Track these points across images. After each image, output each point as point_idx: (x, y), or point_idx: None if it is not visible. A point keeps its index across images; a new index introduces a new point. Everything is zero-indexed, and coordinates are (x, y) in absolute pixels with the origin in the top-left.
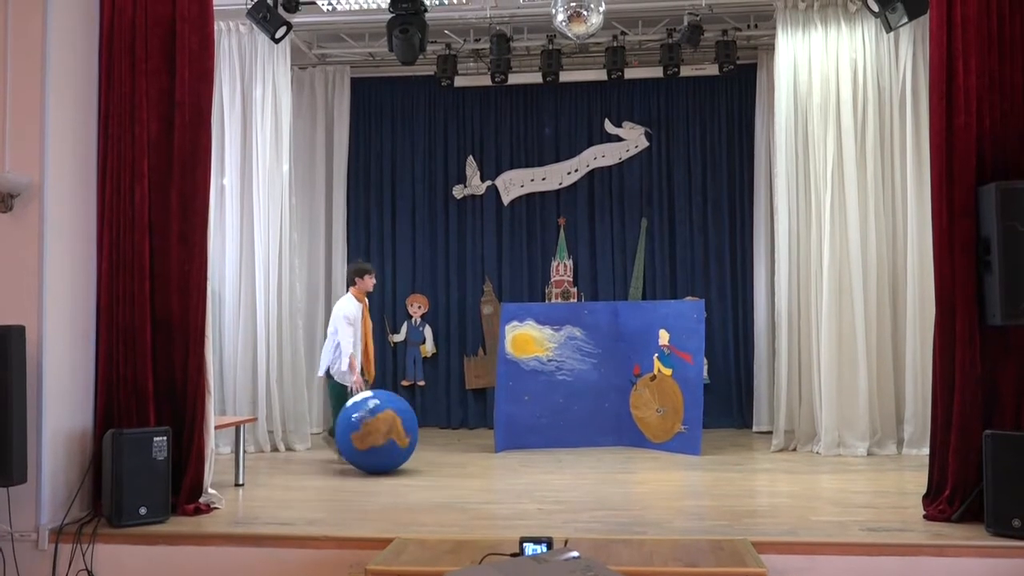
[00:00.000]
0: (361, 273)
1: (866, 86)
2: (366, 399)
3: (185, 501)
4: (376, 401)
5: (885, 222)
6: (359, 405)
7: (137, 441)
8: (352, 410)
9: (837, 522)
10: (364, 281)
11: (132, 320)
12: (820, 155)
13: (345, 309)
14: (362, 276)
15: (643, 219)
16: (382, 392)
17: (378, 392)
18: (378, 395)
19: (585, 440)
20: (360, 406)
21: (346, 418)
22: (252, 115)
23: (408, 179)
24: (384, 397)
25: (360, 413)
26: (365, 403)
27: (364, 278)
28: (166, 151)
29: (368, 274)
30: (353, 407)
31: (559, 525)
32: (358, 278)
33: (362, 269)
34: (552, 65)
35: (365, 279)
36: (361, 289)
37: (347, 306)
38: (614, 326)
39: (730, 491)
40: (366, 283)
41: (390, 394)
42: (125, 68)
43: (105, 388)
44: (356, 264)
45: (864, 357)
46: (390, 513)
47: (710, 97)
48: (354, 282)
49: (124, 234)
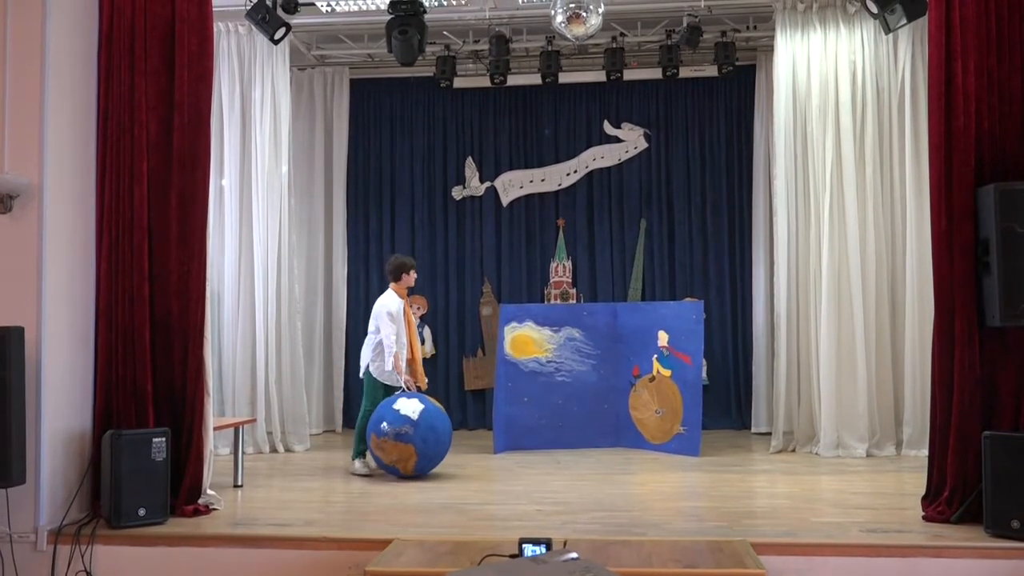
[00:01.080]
0: (407, 268)
1: (865, 87)
2: (407, 415)
3: (184, 502)
4: (409, 428)
5: (884, 223)
6: (397, 416)
7: (136, 442)
8: (389, 414)
9: (836, 523)
10: (407, 277)
11: (131, 321)
12: (819, 156)
13: (388, 304)
14: (408, 271)
15: (642, 220)
16: (432, 410)
17: (429, 408)
18: (425, 416)
19: (584, 441)
20: (396, 419)
21: (379, 417)
22: (251, 116)
23: (407, 180)
24: (425, 424)
25: (391, 427)
26: (404, 419)
27: (409, 273)
28: (165, 152)
29: (412, 269)
30: (392, 413)
31: (558, 526)
32: (404, 274)
33: (406, 264)
34: (551, 66)
35: (411, 274)
36: (404, 286)
37: (390, 301)
38: (613, 327)
39: (729, 492)
40: (409, 279)
41: (436, 416)
42: (124, 69)
43: (104, 389)
44: (398, 258)
45: (863, 358)
46: (389, 514)
47: (709, 98)
48: (399, 278)
49: (123, 235)
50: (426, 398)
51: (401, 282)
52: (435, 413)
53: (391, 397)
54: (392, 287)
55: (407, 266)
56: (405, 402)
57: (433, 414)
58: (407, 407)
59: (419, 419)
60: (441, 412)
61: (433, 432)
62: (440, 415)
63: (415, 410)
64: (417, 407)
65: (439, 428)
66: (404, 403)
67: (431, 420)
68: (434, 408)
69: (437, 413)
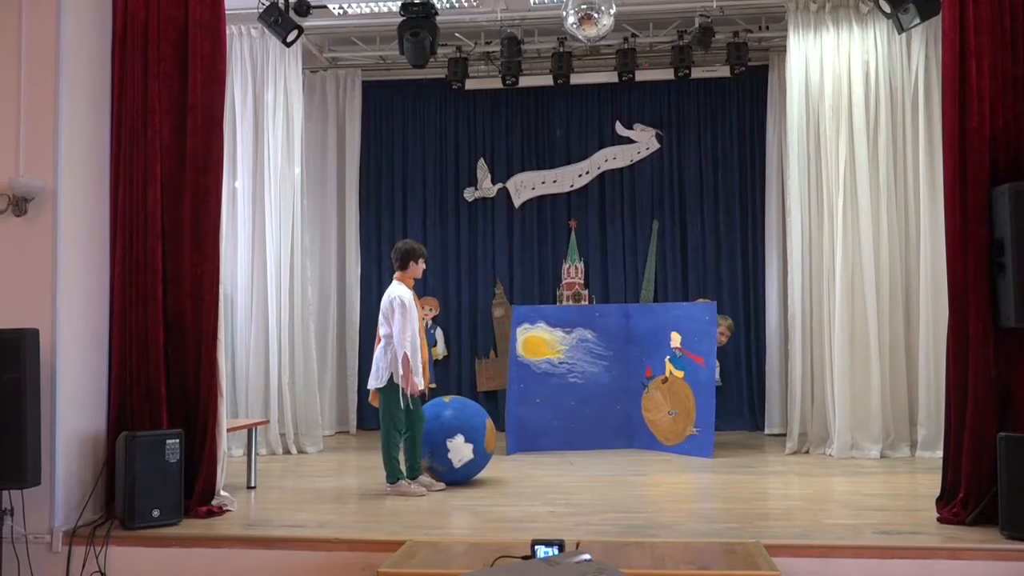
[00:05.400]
0: (415, 256)
1: (878, 87)
2: (451, 461)
3: (198, 503)
4: (445, 471)
5: (898, 224)
6: (443, 459)
7: (150, 444)
8: (437, 450)
9: (850, 525)
10: (415, 267)
11: (145, 323)
12: (832, 157)
13: (400, 294)
14: (416, 259)
15: (654, 221)
16: (479, 461)
17: (476, 461)
18: (464, 468)
19: (596, 443)
20: (441, 459)
21: (429, 440)
22: (264, 118)
23: (419, 182)
24: (461, 473)
25: (429, 461)
26: (447, 462)
27: (418, 262)
28: (179, 155)
29: (421, 258)
30: (440, 449)
31: (571, 528)
32: (412, 262)
33: (415, 251)
34: (563, 67)
35: (419, 263)
36: (411, 276)
37: (400, 289)
38: (625, 328)
39: (742, 494)
40: (417, 269)
41: (478, 465)
42: (138, 73)
43: (118, 391)
44: (407, 243)
45: (877, 359)
46: (401, 516)
47: (721, 99)
48: (406, 266)
49: (137, 238)
50: (483, 446)
51: (408, 271)
52: (479, 463)
53: (440, 420)
54: (398, 277)
55: (415, 253)
56: (459, 445)
57: (477, 464)
58: (457, 452)
59: (459, 468)
60: (484, 457)
61: (465, 476)
62: (481, 462)
63: (461, 459)
64: (466, 455)
65: (472, 473)
66: (457, 446)
67: (468, 470)
68: (481, 457)
69: (481, 461)
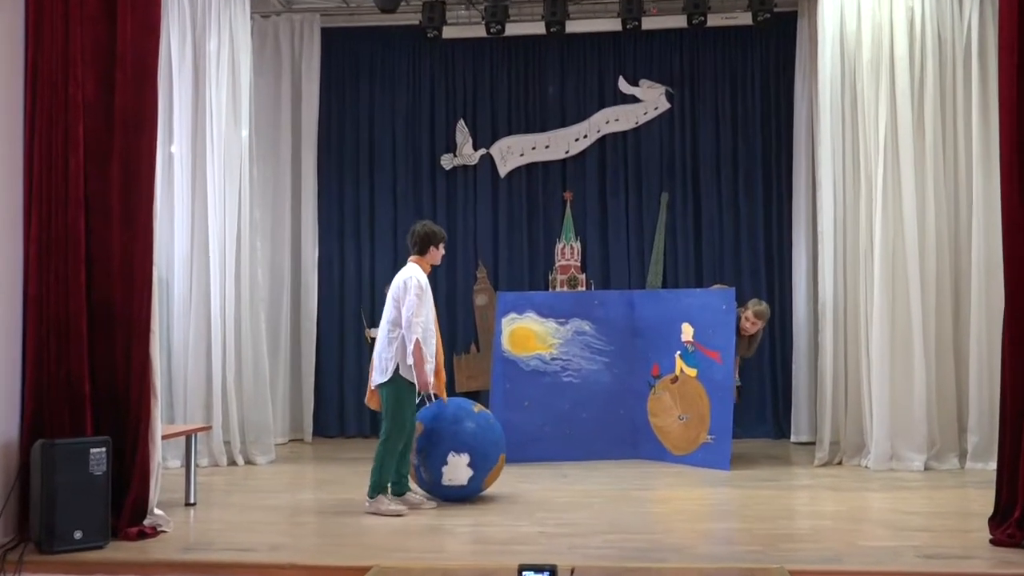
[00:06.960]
0: (435, 240)
1: (925, 39)
2: (448, 485)
3: (127, 523)
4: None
5: (947, 199)
6: (438, 485)
7: (71, 453)
8: (431, 474)
9: (889, 547)
10: (435, 252)
11: (66, 312)
12: (871, 120)
13: (417, 274)
14: (437, 244)
15: (663, 193)
16: (476, 485)
17: (473, 487)
18: (459, 493)
19: (595, 452)
20: (434, 485)
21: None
22: (206, 72)
23: (388, 147)
24: (454, 495)
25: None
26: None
27: (438, 248)
28: (105, 114)
29: (442, 243)
30: (434, 474)
31: (564, 551)
32: (432, 247)
33: (436, 235)
34: (557, 13)
35: (439, 248)
36: (429, 262)
37: (418, 271)
38: (629, 319)
39: (764, 512)
40: (436, 255)
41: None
42: (57, 16)
43: (34, 391)
44: (427, 226)
45: (921, 355)
46: (367, 537)
47: (742, 51)
48: (425, 250)
49: (56, 211)
50: (482, 480)
51: (427, 256)
52: (466, 492)
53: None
54: (413, 260)
55: (436, 237)
56: (459, 466)
57: (463, 492)
58: (453, 471)
59: (443, 486)
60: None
61: (443, 496)
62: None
63: (452, 480)
64: (460, 478)
65: (452, 496)
66: (457, 465)
67: (450, 493)
68: (472, 488)
69: (470, 491)
